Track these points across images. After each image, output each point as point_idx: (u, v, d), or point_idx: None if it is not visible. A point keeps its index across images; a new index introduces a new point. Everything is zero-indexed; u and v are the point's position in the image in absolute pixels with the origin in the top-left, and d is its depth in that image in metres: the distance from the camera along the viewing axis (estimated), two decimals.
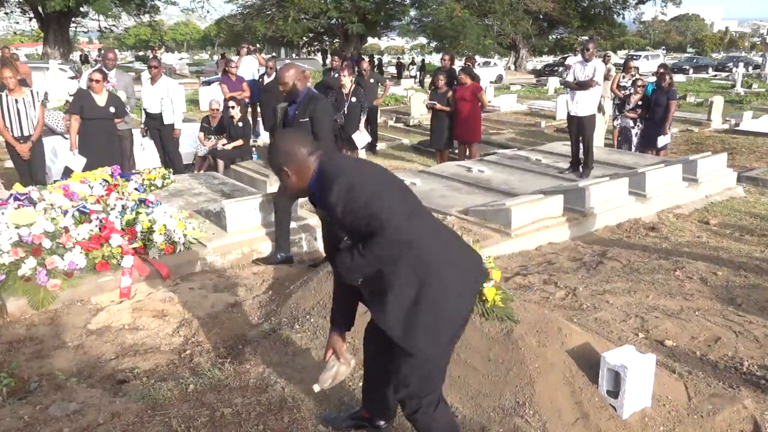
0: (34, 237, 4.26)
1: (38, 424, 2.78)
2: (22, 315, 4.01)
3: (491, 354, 3.02)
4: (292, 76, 4.73)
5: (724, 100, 15.38)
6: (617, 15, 38.08)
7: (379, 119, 12.50)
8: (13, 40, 46.23)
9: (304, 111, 4.72)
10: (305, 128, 4.60)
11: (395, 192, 2.25)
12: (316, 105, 4.75)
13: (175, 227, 4.69)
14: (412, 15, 34.83)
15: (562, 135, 11.95)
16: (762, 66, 30.20)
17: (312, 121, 4.67)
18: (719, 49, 68.40)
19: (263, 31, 31.05)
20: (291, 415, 2.81)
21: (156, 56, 11.77)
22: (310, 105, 4.74)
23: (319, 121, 4.70)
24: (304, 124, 4.66)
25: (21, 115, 6.39)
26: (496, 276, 3.26)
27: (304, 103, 4.76)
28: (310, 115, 4.69)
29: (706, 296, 4.41)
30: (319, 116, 4.71)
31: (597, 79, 7.81)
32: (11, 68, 6.53)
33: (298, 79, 4.74)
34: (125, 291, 4.30)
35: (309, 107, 4.73)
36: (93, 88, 6.68)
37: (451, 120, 9.33)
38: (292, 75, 4.73)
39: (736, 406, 3.03)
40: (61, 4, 24.19)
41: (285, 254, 4.95)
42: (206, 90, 17.27)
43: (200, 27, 62.58)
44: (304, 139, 2.32)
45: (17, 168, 6.74)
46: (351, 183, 2.12)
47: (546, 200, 6.21)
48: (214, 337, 3.77)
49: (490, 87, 20.78)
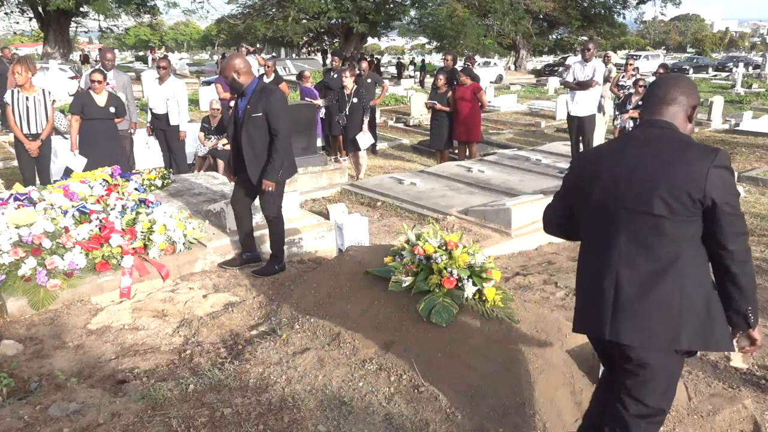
0: (34, 237, 4.26)
1: (38, 424, 2.78)
2: (22, 315, 4.01)
3: (491, 354, 3.02)
4: (232, 67, 4.29)
5: (724, 100, 15.38)
6: (617, 15, 38.05)
7: (379, 119, 12.50)
8: (13, 40, 46.22)
9: (257, 104, 4.30)
10: (259, 124, 4.30)
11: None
12: (269, 98, 4.30)
13: (175, 227, 4.69)
14: (412, 15, 34.84)
15: (562, 135, 11.96)
16: (762, 66, 30.20)
17: (268, 117, 4.29)
18: (719, 49, 68.39)
19: (263, 31, 31.05)
20: (291, 415, 2.81)
21: (166, 56, 11.78)
22: (263, 98, 4.31)
23: (276, 117, 4.29)
24: (257, 119, 4.30)
25: (30, 112, 6.42)
26: (496, 276, 3.27)
27: (256, 96, 4.33)
28: (264, 110, 4.28)
29: None
30: (275, 110, 4.28)
31: (597, 79, 7.81)
32: (24, 65, 6.54)
33: (238, 70, 4.29)
34: (125, 291, 4.30)
35: (262, 101, 4.30)
36: (94, 89, 6.70)
37: (450, 120, 9.33)
38: (232, 66, 4.29)
39: (736, 406, 3.03)
40: (64, 4, 24.18)
41: (250, 254, 4.81)
42: (206, 90, 17.26)
43: (200, 27, 62.56)
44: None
45: (22, 166, 6.75)
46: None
47: (546, 200, 6.20)
48: (214, 337, 3.77)
49: (490, 87, 20.78)
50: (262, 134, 4.37)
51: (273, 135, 4.36)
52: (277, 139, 4.36)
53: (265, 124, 4.33)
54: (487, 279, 3.23)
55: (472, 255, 3.32)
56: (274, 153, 4.37)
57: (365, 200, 7.27)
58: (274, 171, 4.40)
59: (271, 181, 4.42)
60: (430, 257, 3.34)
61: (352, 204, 7.21)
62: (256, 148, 4.40)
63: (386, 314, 3.40)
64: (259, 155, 4.41)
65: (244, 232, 4.78)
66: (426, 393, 2.97)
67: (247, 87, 4.37)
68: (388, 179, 8.04)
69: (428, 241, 3.41)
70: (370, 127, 11.46)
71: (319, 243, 5.36)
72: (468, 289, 3.19)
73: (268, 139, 4.38)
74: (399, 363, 3.15)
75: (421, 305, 3.20)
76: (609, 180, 2.08)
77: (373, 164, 10.35)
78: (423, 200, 6.95)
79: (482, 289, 3.19)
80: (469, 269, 3.25)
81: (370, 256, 3.87)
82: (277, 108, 4.32)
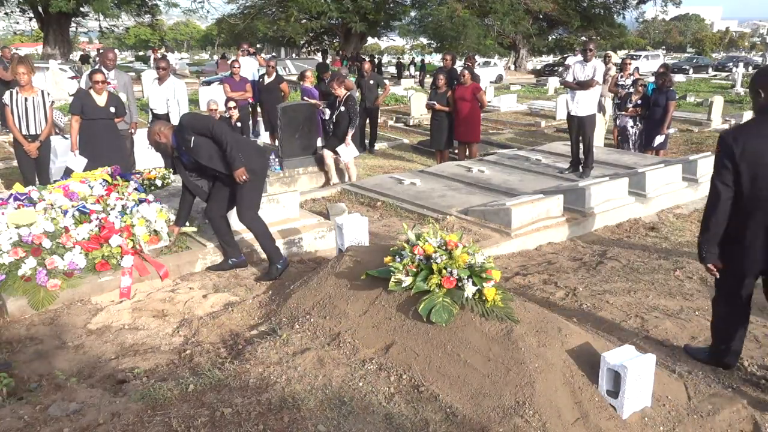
0: (34, 237, 4.26)
1: (38, 424, 2.78)
2: (22, 315, 4.01)
3: (491, 354, 3.02)
4: (154, 133, 4.55)
5: (723, 100, 15.39)
6: (617, 15, 38.09)
7: (379, 119, 12.51)
8: (13, 40, 46.24)
9: (184, 143, 4.48)
10: (199, 147, 4.44)
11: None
12: (185, 131, 4.46)
13: (156, 218, 4.71)
14: (412, 15, 34.86)
15: (562, 135, 11.96)
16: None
17: (194, 137, 4.45)
18: (719, 49, 68.43)
19: (264, 31, 31.06)
20: (291, 415, 2.81)
21: (165, 56, 11.76)
22: (184, 137, 4.47)
23: (198, 130, 4.45)
24: (195, 147, 4.45)
25: (29, 113, 6.42)
26: (496, 276, 3.26)
27: (181, 140, 4.49)
28: (188, 137, 4.44)
29: (706, 296, 4.41)
30: (195, 129, 4.44)
31: (597, 79, 7.81)
32: (28, 66, 6.55)
33: (159, 133, 4.53)
34: (125, 291, 4.30)
35: (185, 140, 4.47)
36: (95, 89, 6.70)
37: (450, 120, 9.33)
38: (155, 131, 4.55)
39: (736, 406, 3.04)
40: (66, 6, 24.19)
41: (236, 259, 4.81)
42: (206, 90, 17.27)
43: (201, 27, 62.56)
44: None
45: (22, 167, 6.75)
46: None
47: (546, 200, 6.21)
48: (214, 337, 3.77)
49: (490, 87, 20.78)
50: (210, 146, 4.43)
51: (214, 137, 4.40)
52: (214, 137, 4.40)
53: (199, 142, 4.40)
54: (487, 279, 3.22)
55: (472, 255, 3.32)
56: (223, 146, 4.39)
57: (365, 200, 7.27)
58: (235, 159, 4.38)
59: (239, 167, 4.38)
60: (430, 257, 3.33)
61: (352, 204, 7.21)
62: (214, 155, 4.44)
63: (386, 314, 3.40)
64: (215, 153, 4.44)
65: (224, 239, 4.77)
66: (426, 393, 2.96)
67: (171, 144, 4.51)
68: (388, 179, 8.04)
69: (428, 241, 3.40)
70: (371, 127, 11.51)
71: (319, 243, 5.37)
72: (468, 289, 3.19)
73: (214, 146, 4.42)
74: (399, 363, 3.15)
75: (421, 305, 3.20)
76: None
77: (373, 164, 10.35)
78: (423, 200, 6.95)
79: (482, 289, 3.19)
80: (469, 269, 3.25)
81: (370, 256, 3.87)
82: (194, 126, 4.43)
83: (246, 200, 4.54)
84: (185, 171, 4.64)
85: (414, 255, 3.37)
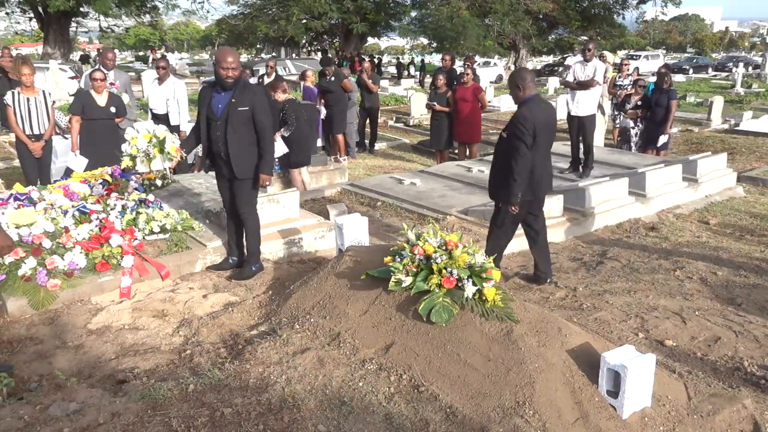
0: (34, 237, 4.26)
1: (38, 424, 2.78)
2: (22, 315, 4.01)
3: (491, 354, 3.02)
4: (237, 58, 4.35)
5: (724, 100, 15.38)
6: (617, 15, 38.05)
7: (380, 119, 12.51)
8: (13, 40, 46.24)
9: (242, 99, 4.29)
10: (245, 118, 4.30)
11: None
12: (256, 93, 4.37)
13: (164, 218, 4.84)
14: (412, 15, 34.84)
15: (562, 135, 11.94)
16: (762, 66, 30.19)
17: (254, 111, 4.31)
18: (719, 49, 68.40)
19: (265, 31, 31.04)
20: (291, 415, 2.81)
21: (164, 56, 11.75)
22: (248, 93, 4.32)
23: (264, 111, 4.35)
24: (243, 113, 4.29)
25: (32, 114, 6.44)
26: (496, 276, 3.26)
27: (240, 91, 4.31)
28: (251, 104, 4.29)
29: (706, 296, 4.42)
30: (263, 104, 4.35)
31: (597, 79, 7.81)
32: (31, 66, 6.57)
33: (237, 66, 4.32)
34: (125, 291, 4.30)
35: (247, 95, 4.31)
36: (95, 88, 6.70)
37: (450, 120, 9.33)
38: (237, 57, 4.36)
39: (736, 406, 3.04)
40: (65, 5, 24.17)
41: (238, 259, 4.82)
42: None
43: (201, 27, 62.55)
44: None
45: (25, 166, 6.75)
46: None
47: (546, 200, 6.20)
48: (214, 337, 3.77)
49: (490, 87, 20.78)
50: (248, 129, 4.34)
51: (261, 129, 4.34)
52: (266, 133, 4.38)
53: (251, 119, 4.31)
54: (487, 279, 3.23)
55: (472, 255, 3.32)
56: (267, 146, 4.39)
57: (365, 200, 7.27)
58: (269, 164, 4.43)
59: (269, 175, 4.44)
60: (430, 257, 3.33)
61: (352, 204, 7.21)
62: (243, 143, 4.36)
63: (386, 314, 3.40)
64: (246, 150, 4.38)
65: (235, 238, 4.78)
66: (426, 393, 2.96)
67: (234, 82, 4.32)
68: (388, 179, 8.04)
69: (428, 241, 3.41)
70: (371, 127, 11.52)
71: (319, 243, 5.37)
72: (468, 289, 3.19)
73: (253, 134, 4.35)
74: (399, 363, 3.15)
75: (421, 305, 3.20)
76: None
77: (373, 164, 10.35)
78: (423, 200, 6.95)
79: (482, 289, 3.19)
80: (469, 269, 3.25)
81: (370, 256, 3.87)
82: (264, 102, 4.38)
83: (249, 195, 4.57)
84: (217, 123, 4.38)
85: (414, 255, 3.37)
